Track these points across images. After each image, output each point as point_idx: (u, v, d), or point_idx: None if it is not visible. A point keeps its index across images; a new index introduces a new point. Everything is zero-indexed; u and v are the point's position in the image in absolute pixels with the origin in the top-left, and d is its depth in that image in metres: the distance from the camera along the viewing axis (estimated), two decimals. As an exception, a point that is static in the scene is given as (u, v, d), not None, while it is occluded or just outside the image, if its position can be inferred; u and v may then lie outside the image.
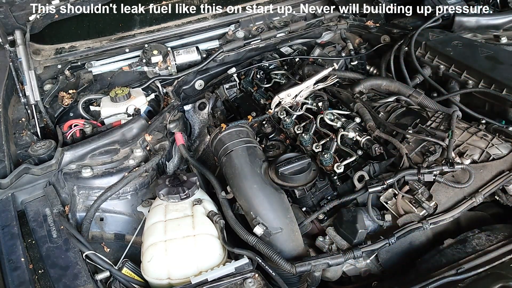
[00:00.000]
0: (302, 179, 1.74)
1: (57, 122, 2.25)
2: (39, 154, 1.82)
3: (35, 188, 1.80)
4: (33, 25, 2.33)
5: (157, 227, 1.58)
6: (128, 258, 1.61)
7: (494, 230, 1.54)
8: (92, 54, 2.55)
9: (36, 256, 1.57)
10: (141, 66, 2.46)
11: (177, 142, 2.08)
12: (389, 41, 2.60)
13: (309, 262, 1.50)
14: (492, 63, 2.09)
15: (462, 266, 1.39)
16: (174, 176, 1.75)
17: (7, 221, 1.66)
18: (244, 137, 1.94)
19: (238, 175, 1.78)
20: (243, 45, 2.62)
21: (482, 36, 2.41)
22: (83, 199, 1.79)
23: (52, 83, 2.39)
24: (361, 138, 1.84)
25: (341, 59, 2.68)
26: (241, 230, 1.61)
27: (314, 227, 1.79)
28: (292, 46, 2.75)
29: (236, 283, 1.38)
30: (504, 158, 1.69)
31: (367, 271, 1.64)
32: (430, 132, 1.82)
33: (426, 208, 1.60)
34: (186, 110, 2.67)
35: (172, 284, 1.50)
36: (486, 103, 2.05)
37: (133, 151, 1.91)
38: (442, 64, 2.25)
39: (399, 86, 2.16)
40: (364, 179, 1.70)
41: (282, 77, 2.45)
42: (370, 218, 1.62)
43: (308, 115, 2.07)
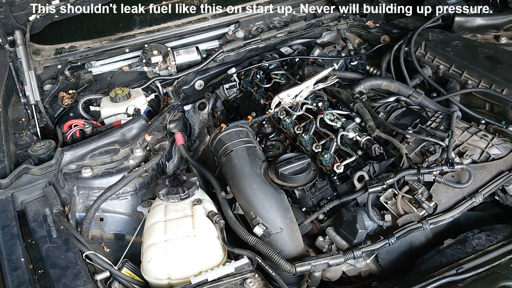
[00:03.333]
0: (302, 179, 1.74)
1: (57, 122, 2.25)
2: (39, 154, 1.82)
3: (35, 188, 1.80)
4: (33, 25, 2.33)
5: (157, 227, 1.58)
6: (128, 258, 1.61)
7: (494, 230, 1.54)
8: (92, 54, 2.54)
9: (36, 256, 1.57)
10: (141, 66, 2.46)
11: (177, 142, 2.08)
12: (389, 41, 2.60)
13: (309, 262, 1.50)
14: (492, 63, 2.09)
15: (462, 266, 1.39)
16: (174, 176, 1.75)
17: (7, 221, 1.66)
18: (244, 137, 1.94)
19: (238, 175, 1.78)
20: (243, 45, 2.62)
21: (482, 36, 2.41)
22: (83, 199, 1.79)
23: (52, 83, 2.39)
24: (361, 138, 1.84)
25: (341, 59, 2.68)
26: (241, 230, 1.61)
27: (314, 227, 1.80)
28: (292, 46, 2.75)
29: (236, 283, 1.38)
30: (504, 158, 1.69)
31: (367, 271, 1.64)
32: (430, 132, 1.82)
33: (426, 208, 1.60)
34: (186, 110, 2.67)
35: (172, 284, 1.50)
36: (486, 103, 2.06)
37: (133, 151, 1.91)
38: (442, 64, 2.25)
39: (399, 86, 2.16)
40: (364, 179, 1.70)
41: (282, 77, 2.44)
42: (370, 218, 1.62)
43: (308, 115, 2.06)
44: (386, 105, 2.08)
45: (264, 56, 2.66)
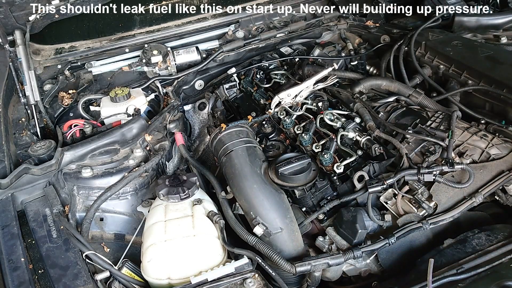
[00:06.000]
0: (302, 179, 1.74)
1: (57, 122, 2.25)
2: (39, 154, 1.82)
3: (35, 188, 1.80)
4: (33, 25, 2.32)
5: (157, 227, 1.58)
6: (128, 258, 1.61)
7: (494, 230, 1.54)
8: (92, 54, 2.55)
9: (36, 256, 1.57)
10: (141, 66, 2.46)
11: (177, 142, 2.08)
12: (389, 41, 2.60)
13: (309, 262, 1.50)
14: (492, 63, 2.09)
15: (462, 266, 1.40)
16: (174, 176, 1.75)
17: (7, 221, 1.66)
18: (244, 137, 1.94)
19: (238, 175, 1.78)
20: (243, 45, 2.62)
21: (482, 36, 2.41)
22: (83, 199, 1.79)
23: (52, 83, 2.38)
24: (361, 138, 1.84)
25: (341, 59, 2.68)
26: (241, 230, 1.61)
27: (314, 227, 1.80)
28: (292, 46, 2.75)
29: (236, 283, 1.38)
30: (504, 158, 1.69)
31: (367, 271, 1.64)
32: (430, 132, 1.82)
33: (426, 208, 1.61)
34: (186, 110, 2.67)
35: (172, 284, 1.50)
36: (486, 103, 2.05)
37: (133, 151, 1.91)
38: (442, 64, 2.25)
39: (399, 86, 2.16)
40: (364, 179, 1.70)
41: (282, 77, 2.44)
42: (370, 218, 1.62)
43: (308, 115, 2.07)
44: (386, 105, 2.08)
45: (264, 56, 2.66)
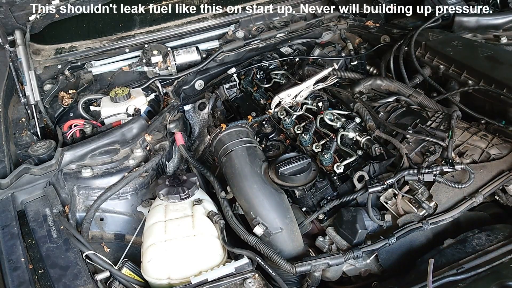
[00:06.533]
0: (302, 179, 1.74)
1: (57, 122, 2.25)
2: (39, 154, 1.82)
3: (35, 188, 1.80)
4: (33, 25, 2.32)
5: (157, 227, 1.58)
6: (128, 258, 1.61)
7: (494, 230, 1.54)
8: (92, 54, 2.55)
9: (36, 256, 1.57)
10: (141, 66, 2.46)
11: (177, 142, 2.08)
12: (389, 41, 2.60)
13: (309, 262, 1.50)
14: (492, 63, 2.09)
15: (462, 266, 1.40)
16: (174, 176, 1.75)
17: (7, 221, 1.65)
18: (244, 137, 1.94)
19: (238, 175, 1.78)
20: (243, 45, 2.62)
21: (482, 36, 2.41)
22: (83, 199, 1.79)
23: (52, 83, 2.39)
24: (361, 138, 1.84)
25: (341, 59, 2.68)
26: (241, 230, 1.61)
27: (314, 227, 1.79)
28: (292, 46, 2.75)
29: (236, 283, 1.38)
30: (504, 158, 1.69)
31: (367, 271, 1.64)
32: (430, 132, 1.82)
33: (426, 208, 1.61)
34: (186, 110, 2.67)
35: (172, 284, 1.50)
36: (486, 103, 2.05)
37: (133, 151, 1.91)
38: (442, 64, 2.25)
39: (399, 86, 2.16)
40: (364, 179, 1.70)
41: (282, 77, 2.44)
42: (370, 218, 1.62)
43: (308, 115, 2.07)
44: (386, 105, 2.08)
45: (264, 56, 2.66)
